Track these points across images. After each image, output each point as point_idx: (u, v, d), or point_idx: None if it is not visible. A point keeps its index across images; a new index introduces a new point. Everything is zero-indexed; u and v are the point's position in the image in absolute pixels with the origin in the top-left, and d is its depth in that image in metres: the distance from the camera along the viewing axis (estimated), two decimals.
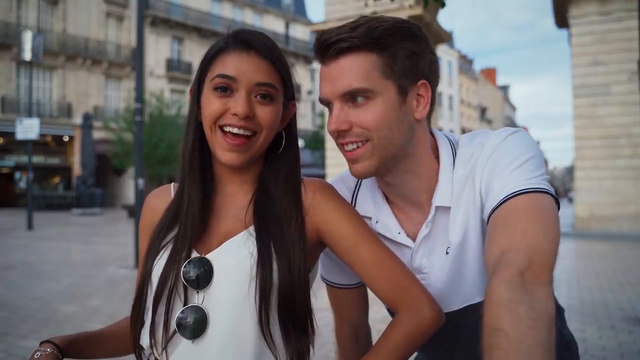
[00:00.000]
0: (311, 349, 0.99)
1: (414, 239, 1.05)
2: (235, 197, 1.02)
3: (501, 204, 0.87)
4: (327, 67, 0.97)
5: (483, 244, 0.97)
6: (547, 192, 0.87)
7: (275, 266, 0.92)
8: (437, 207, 1.01)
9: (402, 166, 1.01)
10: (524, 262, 0.75)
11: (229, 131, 0.94)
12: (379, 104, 0.94)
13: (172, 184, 1.10)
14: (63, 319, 5.38)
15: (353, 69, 0.94)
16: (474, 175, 0.98)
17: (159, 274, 0.94)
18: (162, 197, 1.09)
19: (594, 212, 15.54)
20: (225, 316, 0.91)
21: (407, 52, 0.95)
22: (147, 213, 1.09)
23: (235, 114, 0.93)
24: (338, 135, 0.97)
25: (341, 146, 1.00)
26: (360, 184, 1.14)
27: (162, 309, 0.93)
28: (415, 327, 0.95)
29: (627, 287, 6.99)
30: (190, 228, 0.96)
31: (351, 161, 0.99)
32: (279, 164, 1.03)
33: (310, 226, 0.99)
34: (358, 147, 0.96)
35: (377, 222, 1.08)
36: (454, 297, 1.05)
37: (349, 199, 1.12)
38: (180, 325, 0.91)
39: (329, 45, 0.94)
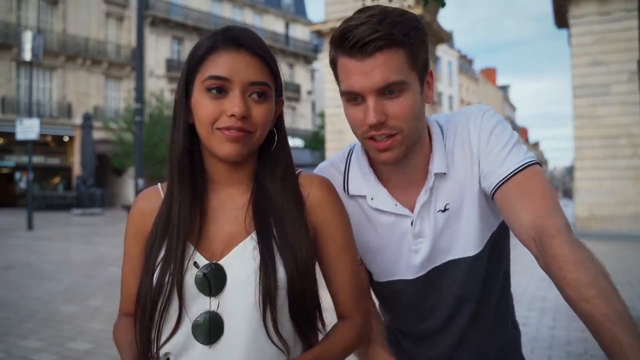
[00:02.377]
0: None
1: (411, 210, 1.13)
2: (233, 198, 1.01)
3: (508, 179, 1.02)
4: (360, 62, 0.99)
5: (479, 205, 1.12)
6: (537, 163, 1.05)
7: (280, 267, 0.92)
8: (436, 174, 1.11)
9: (412, 147, 1.09)
10: (564, 224, 0.93)
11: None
12: (409, 94, 1.02)
13: (159, 184, 1.07)
14: (63, 319, 5.38)
15: (389, 63, 0.99)
16: (469, 139, 1.11)
17: (159, 284, 0.93)
18: (152, 199, 1.05)
19: (594, 212, 15.55)
20: (242, 321, 0.91)
21: (424, 45, 1.05)
22: (137, 216, 1.05)
23: (233, 115, 0.91)
24: (372, 127, 1.01)
25: (370, 139, 1.04)
26: (349, 166, 1.20)
27: (172, 318, 0.92)
28: (362, 334, 1.04)
29: (627, 287, 6.98)
30: (183, 233, 0.94)
31: (380, 150, 1.04)
32: (273, 161, 1.03)
33: (310, 223, 1.00)
34: (388, 137, 1.02)
35: (372, 198, 1.15)
36: (445, 251, 1.15)
37: (340, 181, 1.19)
38: (195, 332, 0.91)
39: (367, 44, 0.97)
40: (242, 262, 0.93)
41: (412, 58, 1.02)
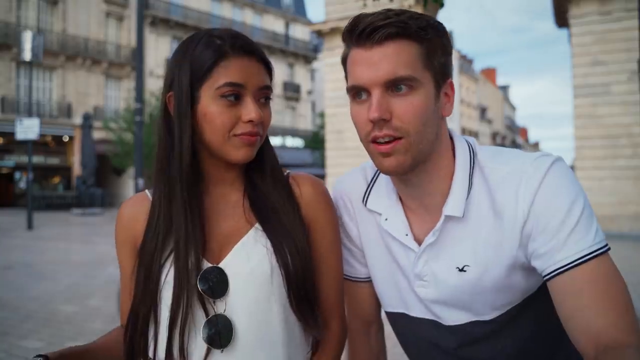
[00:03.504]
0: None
1: (420, 243, 1.02)
2: (226, 196, 1.03)
3: (570, 267, 0.87)
4: (367, 52, 0.91)
5: (509, 276, 0.96)
6: (607, 248, 0.89)
7: (287, 253, 0.95)
8: (447, 217, 0.97)
9: (424, 166, 0.97)
10: (628, 335, 0.81)
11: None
12: (420, 95, 0.91)
13: (147, 190, 1.06)
14: (63, 319, 5.38)
15: (399, 55, 0.90)
16: (516, 201, 0.92)
17: (171, 290, 0.93)
18: (139, 206, 1.04)
19: (594, 211, 15.52)
20: (250, 320, 0.93)
21: (443, 47, 0.95)
22: (125, 224, 1.04)
23: (251, 120, 0.94)
24: (375, 125, 0.91)
25: (372, 142, 0.94)
26: (377, 177, 1.11)
27: (178, 325, 0.92)
28: (343, 342, 1.09)
29: (628, 287, 6.98)
30: (194, 235, 0.95)
31: (383, 155, 0.93)
32: (262, 158, 1.04)
33: (304, 218, 1.03)
34: (392, 141, 0.92)
35: (386, 219, 1.05)
36: (460, 313, 1.03)
37: (363, 190, 1.12)
38: (207, 337, 0.91)
39: (376, 29, 0.89)
40: (246, 255, 0.95)
41: (426, 56, 0.92)
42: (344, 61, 0.99)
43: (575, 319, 0.85)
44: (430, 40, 0.92)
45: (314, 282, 1.01)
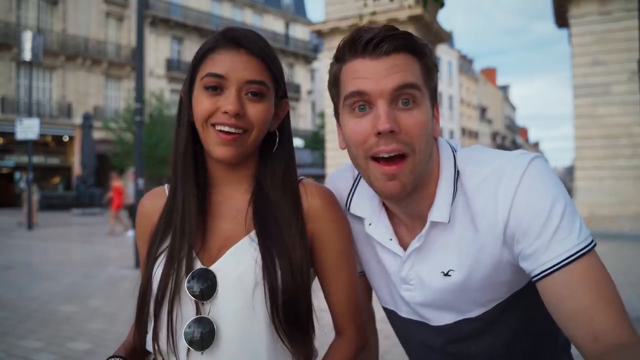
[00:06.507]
0: (315, 349, 1.01)
1: (406, 247, 1.02)
2: (233, 197, 1.02)
3: (558, 268, 0.84)
4: (373, 62, 0.90)
5: (495, 273, 0.95)
6: (593, 245, 0.86)
7: (278, 269, 0.92)
8: (433, 223, 0.97)
9: (420, 180, 0.96)
10: (630, 333, 0.80)
11: (221, 129, 0.94)
12: (422, 111, 0.91)
13: (166, 185, 1.08)
14: (62, 319, 5.37)
15: (405, 65, 0.91)
16: (495, 203, 0.90)
17: (158, 280, 0.95)
18: (156, 199, 1.07)
19: (594, 212, 15.54)
20: (234, 326, 0.92)
21: (435, 68, 0.97)
22: (142, 217, 1.09)
23: (226, 112, 0.92)
24: (381, 139, 0.89)
25: (374, 159, 0.91)
26: (359, 181, 1.11)
27: (164, 317, 0.93)
28: (358, 349, 1.04)
29: (627, 287, 6.97)
30: (188, 230, 0.96)
31: (387, 177, 0.91)
32: (274, 163, 1.03)
33: (308, 231, 1.00)
34: (396, 157, 0.90)
35: (370, 224, 1.05)
36: (446, 313, 1.03)
37: (346, 193, 1.12)
38: (188, 337, 0.91)
39: (383, 40, 0.90)
40: (236, 262, 0.93)
41: (426, 72, 0.94)
42: (336, 78, 0.97)
43: (576, 319, 0.82)
44: (428, 58, 0.94)
45: (309, 301, 0.98)
